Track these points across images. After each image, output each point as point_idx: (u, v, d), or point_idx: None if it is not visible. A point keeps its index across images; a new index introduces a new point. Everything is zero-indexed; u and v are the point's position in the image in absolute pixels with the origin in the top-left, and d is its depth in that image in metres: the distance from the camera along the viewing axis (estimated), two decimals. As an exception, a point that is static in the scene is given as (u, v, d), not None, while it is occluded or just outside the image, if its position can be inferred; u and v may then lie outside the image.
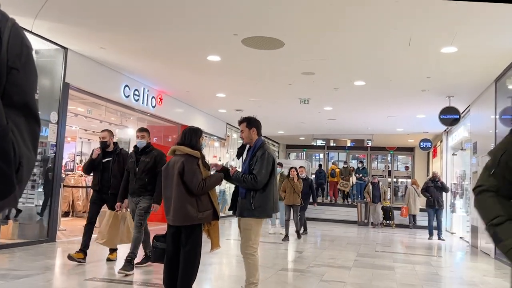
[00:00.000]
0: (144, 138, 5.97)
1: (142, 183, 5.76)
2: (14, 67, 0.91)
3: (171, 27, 7.01)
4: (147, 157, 5.83)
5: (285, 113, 14.32)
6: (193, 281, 4.15)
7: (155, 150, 6.00)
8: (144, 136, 6.00)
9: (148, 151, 5.92)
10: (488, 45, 7.09)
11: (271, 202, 4.26)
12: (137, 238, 5.79)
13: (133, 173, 5.83)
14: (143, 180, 5.76)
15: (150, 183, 5.76)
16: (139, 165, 5.81)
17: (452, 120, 10.94)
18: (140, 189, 5.78)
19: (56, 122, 8.02)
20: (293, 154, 26.82)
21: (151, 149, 5.96)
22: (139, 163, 5.81)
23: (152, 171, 5.77)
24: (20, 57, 0.94)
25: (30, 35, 7.35)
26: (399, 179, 25.23)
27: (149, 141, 6.04)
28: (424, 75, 9.05)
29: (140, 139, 5.95)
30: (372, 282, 5.95)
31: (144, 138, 5.98)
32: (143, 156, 5.86)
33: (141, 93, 10.78)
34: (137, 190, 5.80)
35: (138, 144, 5.95)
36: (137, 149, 5.96)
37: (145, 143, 5.94)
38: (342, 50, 7.76)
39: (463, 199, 13.41)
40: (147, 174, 5.76)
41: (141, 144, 5.93)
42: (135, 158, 5.90)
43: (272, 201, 4.27)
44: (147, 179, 5.76)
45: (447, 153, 15.47)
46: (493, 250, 8.80)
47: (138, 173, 5.77)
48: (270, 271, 6.32)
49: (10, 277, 5.07)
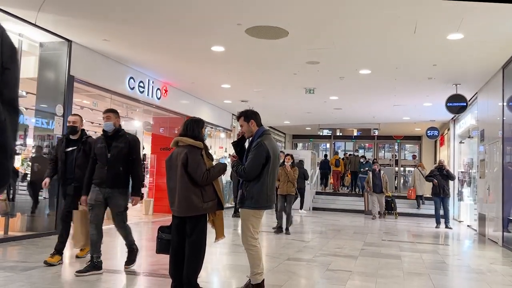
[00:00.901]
0: (110, 119, 5.21)
1: (115, 172, 5.06)
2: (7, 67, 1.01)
3: (174, 18, 6.98)
4: (120, 142, 5.15)
5: (290, 103, 14.27)
6: (199, 271, 4.17)
7: (128, 134, 5.34)
8: (110, 117, 5.23)
9: (121, 135, 5.22)
10: (494, 31, 6.99)
11: (265, 194, 4.23)
12: (126, 234, 5.39)
13: (104, 160, 5.08)
14: (116, 169, 5.06)
15: (124, 173, 5.12)
16: (111, 151, 5.08)
17: (459, 108, 10.84)
18: (113, 179, 5.06)
19: (62, 115, 8.05)
20: (299, 144, 26.79)
21: (123, 133, 5.27)
22: (111, 148, 5.10)
23: (126, 158, 5.13)
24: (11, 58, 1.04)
25: (35, 28, 7.37)
26: (406, 168, 25.13)
27: (118, 124, 5.31)
28: (430, 63, 8.96)
29: (106, 120, 5.20)
30: (379, 271, 5.94)
31: (110, 119, 5.21)
32: (115, 141, 5.15)
33: (146, 85, 10.79)
34: (109, 180, 5.06)
35: (105, 127, 5.20)
36: (107, 133, 5.21)
37: (111, 125, 5.20)
38: (347, 38, 7.69)
39: (470, 187, 13.33)
40: (121, 162, 5.09)
41: (108, 126, 5.18)
42: (105, 143, 5.16)
43: (266, 192, 4.24)
44: (121, 167, 5.09)
45: (454, 141, 15.37)
46: (500, 238, 8.76)
47: (110, 160, 5.06)
48: (276, 261, 6.34)
49: (19, 269, 5.13)
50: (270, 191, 4.30)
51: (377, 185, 14.01)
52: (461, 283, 5.80)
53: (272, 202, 4.37)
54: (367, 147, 25.99)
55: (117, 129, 5.24)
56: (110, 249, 6.99)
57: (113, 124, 5.21)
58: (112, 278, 5.04)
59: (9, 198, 7.10)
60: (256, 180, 4.22)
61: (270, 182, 4.29)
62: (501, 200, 8.75)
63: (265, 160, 4.23)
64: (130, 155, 5.16)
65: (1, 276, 4.81)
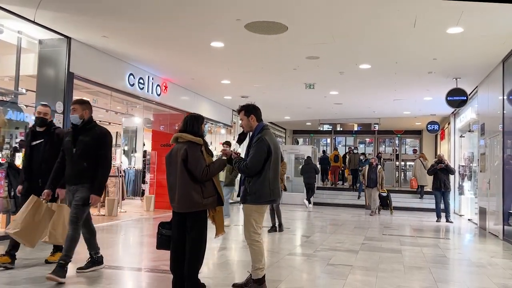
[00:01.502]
0: (75, 111, 4.78)
1: (80, 168, 4.70)
2: None
3: (173, 13, 6.96)
4: (87, 136, 4.76)
5: (290, 98, 14.26)
6: (200, 267, 4.19)
7: (98, 127, 4.91)
8: (76, 109, 4.79)
9: (89, 128, 4.83)
10: (494, 24, 6.97)
11: (267, 188, 4.23)
12: (72, 237, 4.65)
13: (69, 156, 4.77)
14: (80, 165, 4.70)
15: (89, 169, 4.71)
16: (76, 145, 4.74)
17: (459, 101, 10.83)
18: (77, 176, 4.73)
19: (62, 112, 8.05)
20: (300, 139, 26.78)
21: (92, 126, 4.86)
22: (77, 143, 4.74)
23: (92, 153, 4.73)
24: None
25: (33, 25, 7.36)
26: (407, 163, 25.12)
27: (88, 117, 4.86)
28: (430, 57, 8.94)
29: (72, 113, 4.80)
30: (379, 265, 5.96)
31: (76, 111, 4.78)
32: (82, 135, 4.77)
33: (145, 81, 10.79)
34: (73, 177, 4.74)
35: (72, 120, 4.81)
36: (75, 126, 4.83)
37: (77, 118, 4.78)
38: (346, 33, 7.67)
39: (471, 181, 13.34)
40: (86, 158, 4.71)
41: (74, 119, 4.78)
42: (71, 137, 4.80)
43: (269, 187, 4.23)
44: (86, 163, 4.70)
45: (455, 135, 15.37)
46: (501, 231, 8.77)
47: (75, 156, 4.72)
48: (277, 256, 6.36)
49: (20, 266, 5.14)
50: (273, 185, 4.29)
51: (372, 179, 13.50)
52: (462, 276, 5.81)
53: (276, 196, 4.35)
54: (368, 142, 25.99)
55: (85, 121, 4.83)
56: (111, 245, 7.01)
57: (79, 116, 4.79)
58: (113, 274, 5.06)
59: (10, 195, 7.10)
60: (258, 175, 4.22)
61: (272, 177, 4.28)
62: (502, 194, 8.76)
63: (267, 154, 4.23)
64: (97, 150, 4.76)
65: (4, 273, 4.83)
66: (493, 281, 5.33)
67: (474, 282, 5.41)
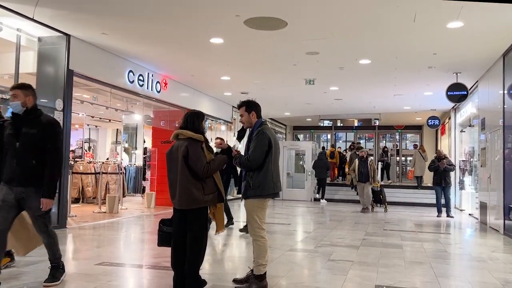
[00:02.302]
0: (16, 98, 4.07)
1: (27, 166, 4.03)
2: None
3: (172, 10, 6.94)
4: (32, 127, 4.06)
5: (290, 94, 14.25)
6: (201, 263, 4.19)
7: (43, 116, 4.21)
8: (17, 95, 4.08)
9: (34, 117, 4.12)
10: (494, 19, 6.95)
11: (270, 181, 4.26)
12: (49, 243, 4.30)
13: (12, 152, 4.06)
14: (27, 163, 4.03)
15: (39, 167, 4.06)
16: (20, 139, 4.04)
17: (459, 96, 10.82)
18: (24, 176, 4.04)
19: (62, 110, 8.05)
20: (300, 135, 26.77)
21: (37, 115, 4.16)
22: (20, 136, 4.04)
23: (40, 147, 4.06)
24: None
25: (33, 23, 7.34)
26: (408, 158, 25.11)
27: (32, 103, 4.15)
28: (430, 52, 8.92)
29: (12, 99, 4.08)
30: (380, 260, 5.97)
31: (17, 98, 4.07)
32: (25, 126, 4.07)
33: (145, 78, 10.78)
34: (19, 177, 4.04)
35: (13, 108, 4.09)
36: (17, 115, 4.11)
37: (19, 105, 4.07)
38: (346, 28, 7.65)
39: (471, 176, 13.34)
40: (34, 154, 4.04)
41: (15, 107, 4.07)
42: (13, 129, 4.09)
43: (272, 180, 4.27)
44: (34, 160, 4.04)
45: (455, 130, 15.36)
46: (502, 226, 8.78)
47: (19, 151, 4.03)
48: (278, 252, 6.36)
49: (22, 264, 5.15)
50: (276, 178, 4.32)
51: (363, 173, 12.54)
52: (463, 271, 5.82)
53: (279, 189, 4.38)
54: (368, 137, 25.98)
55: (29, 110, 4.12)
56: (112, 242, 7.03)
57: (21, 103, 4.08)
58: (114, 271, 5.07)
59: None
60: (260, 169, 4.24)
61: (274, 170, 4.31)
62: (502, 188, 8.76)
63: (268, 147, 4.24)
64: (45, 143, 4.08)
65: (6, 270, 4.84)
66: (494, 275, 5.34)
67: (475, 276, 5.41)
